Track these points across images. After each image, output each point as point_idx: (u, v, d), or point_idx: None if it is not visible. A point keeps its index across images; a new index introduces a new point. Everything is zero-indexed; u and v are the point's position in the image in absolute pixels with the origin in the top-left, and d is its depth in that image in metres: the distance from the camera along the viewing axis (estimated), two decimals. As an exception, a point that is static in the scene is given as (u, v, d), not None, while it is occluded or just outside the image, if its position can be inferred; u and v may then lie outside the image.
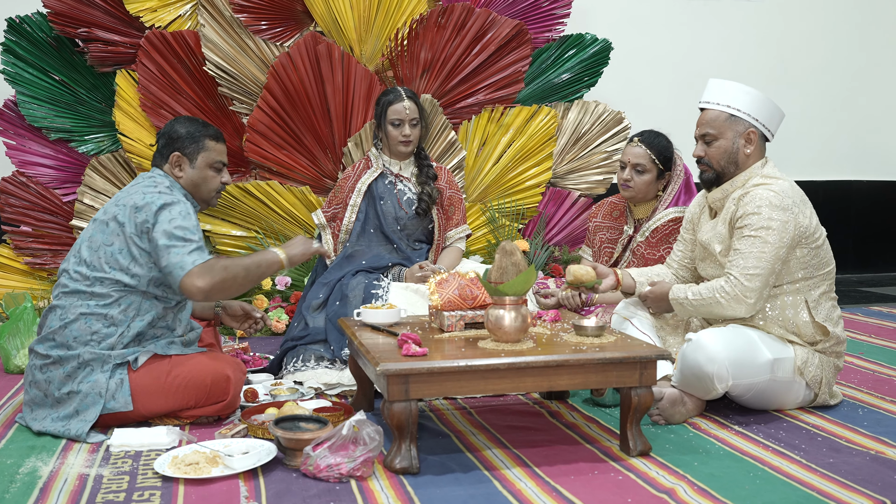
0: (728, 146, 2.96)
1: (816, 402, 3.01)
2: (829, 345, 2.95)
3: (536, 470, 2.47)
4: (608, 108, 5.28)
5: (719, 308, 2.87)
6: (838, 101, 6.58)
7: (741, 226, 2.86)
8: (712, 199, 3.04)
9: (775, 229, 2.81)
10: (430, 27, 4.92)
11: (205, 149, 2.97)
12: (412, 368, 2.39)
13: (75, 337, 2.77)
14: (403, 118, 3.69)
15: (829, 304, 2.98)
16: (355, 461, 2.38)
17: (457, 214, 3.89)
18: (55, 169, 4.81)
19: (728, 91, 2.97)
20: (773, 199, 2.84)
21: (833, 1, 6.49)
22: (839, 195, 6.58)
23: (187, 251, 2.73)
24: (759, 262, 2.80)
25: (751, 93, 2.97)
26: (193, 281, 2.70)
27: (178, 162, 2.96)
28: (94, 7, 4.67)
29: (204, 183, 2.99)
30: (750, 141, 2.95)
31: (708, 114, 3.00)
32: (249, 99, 4.85)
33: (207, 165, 2.98)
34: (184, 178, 2.96)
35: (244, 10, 4.73)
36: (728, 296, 2.83)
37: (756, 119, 2.96)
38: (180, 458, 2.45)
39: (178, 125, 3.00)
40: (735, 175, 2.98)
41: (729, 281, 2.84)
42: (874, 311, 5.05)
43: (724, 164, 2.97)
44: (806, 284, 2.93)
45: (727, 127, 2.96)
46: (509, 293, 2.56)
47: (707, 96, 3.02)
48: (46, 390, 2.79)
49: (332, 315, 3.46)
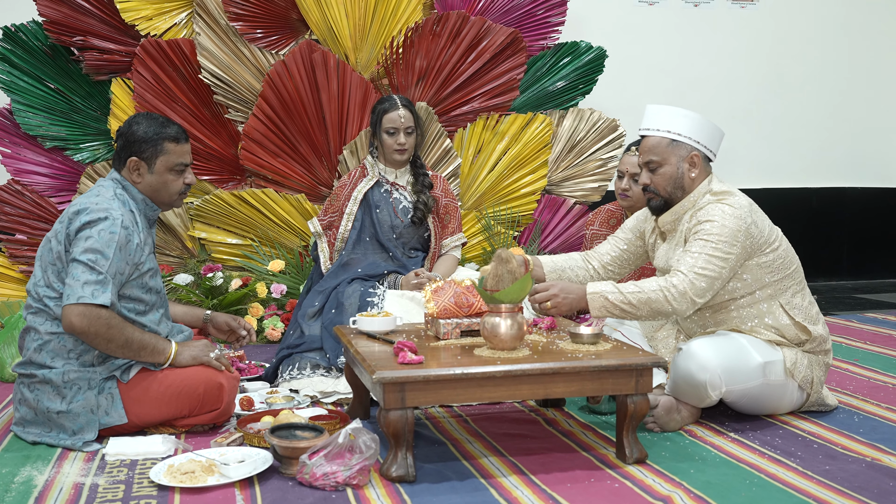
0: (673, 172, 2.94)
1: (810, 402, 3.02)
2: (814, 344, 2.96)
3: (533, 478, 2.47)
4: (603, 116, 5.29)
5: (660, 306, 2.78)
6: (832, 108, 6.60)
7: (695, 231, 2.85)
8: (663, 223, 3.02)
9: (728, 236, 2.80)
10: (425, 35, 4.93)
11: (164, 152, 2.81)
12: (408, 376, 2.39)
13: (52, 357, 2.73)
14: (398, 126, 3.69)
15: (804, 301, 2.99)
16: (351, 469, 2.37)
17: (452, 223, 3.89)
18: (50, 177, 4.81)
19: (667, 116, 2.96)
20: (727, 210, 2.84)
21: (826, 9, 6.52)
22: (833, 202, 6.60)
23: (83, 281, 2.60)
24: (710, 264, 2.78)
25: (689, 115, 2.95)
26: (72, 314, 2.58)
27: (135, 167, 2.81)
28: (89, 16, 4.67)
29: (164, 187, 2.85)
30: (694, 164, 2.95)
31: (649, 140, 2.98)
32: (245, 107, 4.86)
33: (167, 169, 2.83)
34: (142, 183, 2.83)
35: (239, 18, 4.74)
36: (677, 292, 2.76)
37: (697, 141, 2.94)
38: (176, 467, 2.44)
39: (135, 125, 2.82)
40: (681, 199, 2.97)
41: (677, 276, 2.77)
42: (869, 318, 5.06)
43: (671, 189, 2.96)
44: (777, 288, 2.93)
45: (670, 152, 2.95)
46: (505, 301, 2.57)
47: (647, 123, 3.00)
48: (36, 408, 2.75)
49: (327, 323, 3.45)
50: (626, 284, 2.83)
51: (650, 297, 2.78)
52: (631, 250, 3.22)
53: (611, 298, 2.81)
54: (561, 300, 2.86)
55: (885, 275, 6.81)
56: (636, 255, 3.23)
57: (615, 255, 3.22)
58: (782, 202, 6.37)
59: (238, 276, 4.71)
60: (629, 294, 2.79)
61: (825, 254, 6.61)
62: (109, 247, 2.65)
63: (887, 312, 5.25)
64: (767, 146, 6.42)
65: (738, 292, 2.92)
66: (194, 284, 4.63)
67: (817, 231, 6.56)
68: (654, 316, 2.83)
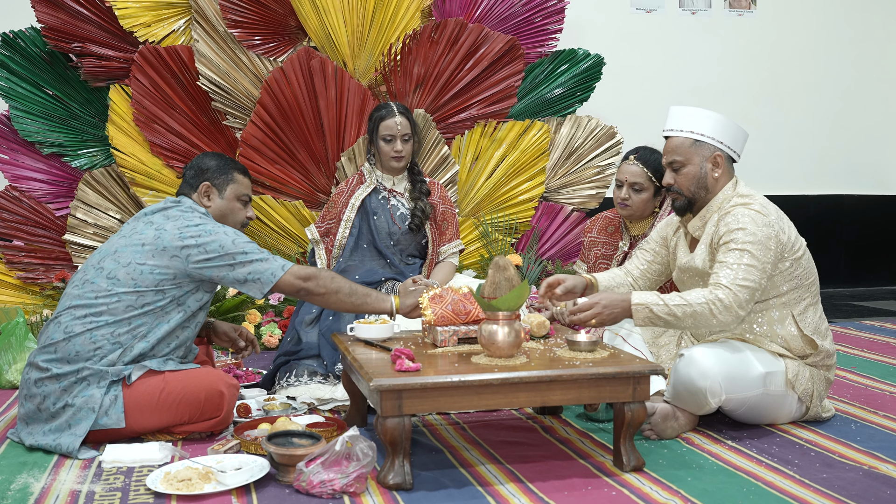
0: (696, 171, 2.96)
1: (808, 416, 3.02)
2: (818, 358, 2.95)
3: (530, 486, 2.47)
4: (601, 123, 5.30)
5: (706, 319, 2.78)
6: (830, 116, 6.62)
7: (727, 241, 2.84)
8: (693, 228, 3.03)
9: (761, 244, 2.81)
10: (423, 42, 4.94)
11: (233, 181, 3.07)
12: (405, 384, 2.39)
13: (77, 352, 2.76)
14: (395, 134, 3.69)
15: (815, 315, 2.99)
16: (348, 477, 2.37)
17: (450, 229, 3.89)
18: (48, 183, 4.81)
19: (691, 117, 2.98)
20: (755, 216, 2.86)
21: (824, 17, 6.54)
22: (831, 209, 6.61)
23: (271, 260, 2.85)
24: (749, 275, 2.79)
25: (713, 116, 2.97)
26: (290, 280, 2.84)
27: (207, 192, 3.03)
28: (87, 22, 4.68)
29: (231, 214, 3.07)
30: (717, 164, 2.96)
31: (673, 141, 3.00)
32: (243, 114, 4.86)
33: (235, 197, 3.07)
34: (212, 207, 3.03)
35: (238, 25, 4.75)
36: (723, 305, 2.76)
37: (721, 142, 2.97)
38: (172, 475, 2.44)
39: (207, 158, 3.10)
40: (707, 199, 2.98)
41: (722, 290, 2.77)
42: (866, 326, 5.06)
43: (695, 189, 2.98)
44: (791, 297, 2.93)
45: (693, 152, 2.96)
46: (502, 308, 2.57)
47: (670, 124, 3.02)
48: (41, 405, 2.77)
49: (325, 330, 3.45)
50: (671, 296, 2.81)
51: (696, 311, 2.77)
52: (658, 261, 3.24)
53: (656, 311, 2.79)
54: (606, 315, 2.83)
55: (883, 282, 6.82)
56: (664, 264, 3.24)
57: (643, 269, 3.24)
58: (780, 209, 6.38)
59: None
60: (675, 307, 2.78)
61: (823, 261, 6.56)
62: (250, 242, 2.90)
63: (885, 320, 5.26)
64: (765, 154, 6.43)
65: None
66: (192, 291, 4.62)
67: (815, 238, 6.47)
68: (697, 327, 2.83)
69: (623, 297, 2.83)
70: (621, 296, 2.84)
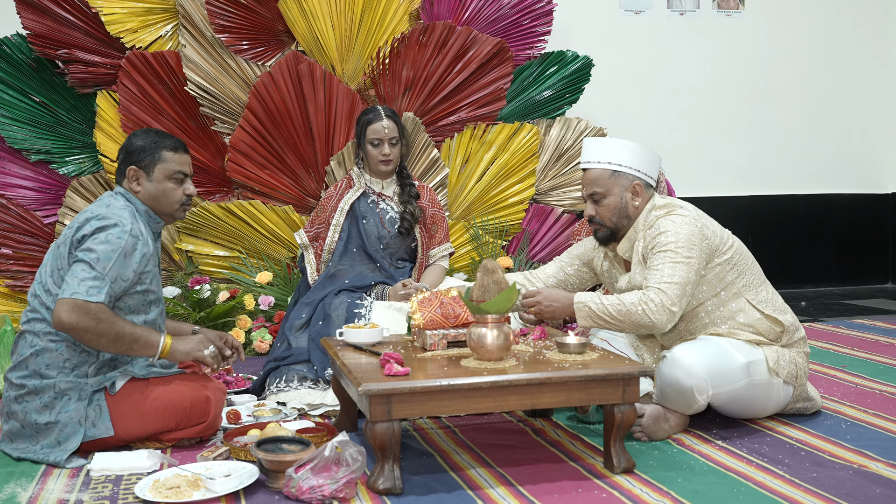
0: (617, 202, 3.00)
1: (796, 396, 3.03)
2: (789, 336, 2.99)
3: (520, 489, 2.46)
4: (590, 125, 5.31)
5: (639, 318, 2.81)
6: (818, 115, 6.63)
7: (652, 247, 2.90)
8: (622, 250, 3.07)
9: (684, 242, 2.85)
10: (411, 46, 4.93)
11: (161, 160, 2.87)
12: (394, 388, 2.38)
13: (48, 365, 2.72)
14: (383, 137, 3.69)
15: (769, 294, 3.02)
16: (338, 482, 2.36)
17: (439, 233, 3.89)
18: (36, 191, 4.79)
19: (607, 148, 3.02)
20: (675, 218, 2.91)
21: (810, 17, 6.55)
22: (820, 209, 6.62)
23: (80, 279, 2.62)
24: (675, 271, 2.82)
25: (628, 146, 3.01)
26: (62, 309, 2.60)
27: (134, 176, 2.87)
28: (74, 28, 4.66)
29: (164, 196, 2.88)
30: (637, 193, 3.00)
31: (591, 173, 3.03)
32: (231, 119, 4.85)
33: (166, 177, 2.88)
34: (142, 191, 2.88)
35: (225, 30, 4.74)
36: (654, 305, 2.79)
37: (638, 170, 3.00)
38: (161, 482, 2.42)
39: (134, 138, 2.91)
40: (629, 226, 3.03)
41: (652, 291, 2.81)
42: (856, 324, 5.07)
43: (616, 219, 3.01)
44: (740, 285, 2.97)
45: (613, 183, 3.00)
46: (491, 311, 2.56)
47: (587, 156, 3.06)
48: (24, 421, 2.74)
49: (314, 335, 3.44)
50: (608, 297, 2.87)
51: (629, 310, 2.82)
52: (577, 276, 3.28)
53: (594, 308, 2.85)
54: (545, 307, 2.94)
55: (873, 280, 6.83)
56: (581, 280, 3.29)
57: (561, 279, 3.28)
58: (770, 209, 6.40)
59: (225, 289, 4.69)
60: (610, 306, 2.83)
61: (813, 260, 6.64)
62: (114, 251, 2.68)
63: (875, 318, 5.27)
64: (754, 154, 6.44)
65: (704, 295, 2.95)
66: (181, 297, 4.61)
67: (805, 238, 6.59)
68: (636, 329, 2.86)
69: (566, 294, 2.94)
70: (564, 293, 2.95)
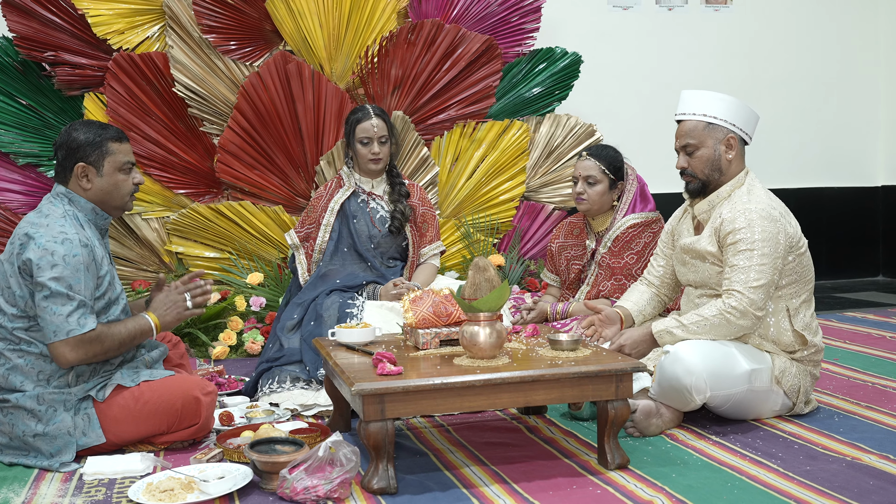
0: (710, 154, 2.97)
1: (793, 412, 3.02)
2: (806, 353, 2.96)
3: (515, 486, 2.46)
4: (580, 121, 5.31)
5: (727, 328, 2.82)
6: (808, 109, 6.65)
7: (733, 241, 2.85)
8: (699, 211, 3.03)
9: (768, 241, 2.82)
10: (400, 44, 4.93)
11: (109, 152, 2.77)
12: (387, 388, 2.37)
13: (22, 381, 2.68)
14: (372, 136, 3.68)
15: (808, 312, 3.00)
16: (332, 483, 2.35)
17: (430, 231, 3.88)
18: (24, 194, 4.76)
19: (703, 100, 3.01)
20: (761, 212, 2.86)
21: (799, 10, 6.57)
22: (811, 202, 6.64)
23: (67, 312, 2.60)
24: (760, 275, 2.80)
25: (725, 99, 3.00)
26: (64, 351, 2.61)
27: (83, 173, 2.75)
28: (60, 31, 4.64)
29: (116, 189, 2.80)
30: (731, 146, 2.98)
31: (686, 125, 3.02)
32: (220, 119, 4.83)
33: (116, 169, 2.78)
34: (93, 189, 2.77)
35: (213, 30, 4.72)
36: (738, 312, 2.79)
37: (733, 124, 2.99)
38: (155, 485, 2.41)
39: (74, 132, 2.77)
40: (721, 182, 2.99)
41: (734, 297, 2.80)
42: (848, 317, 5.08)
43: (709, 172, 2.98)
44: (788, 292, 2.94)
45: (706, 135, 2.98)
46: (483, 309, 2.56)
47: (682, 107, 3.04)
48: (11, 433, 2.71)
49: (307, 335, 3.43)
50: (688, 316, 2.86)
51: (713, 324, 2.82)
52: (671, 263, 3.24)
53: (677, 334, 2.86)
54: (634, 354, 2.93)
55: (864, 273, 6.86)
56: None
57: (667, 269, 3.24)
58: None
59: (216, 290, 4.68)
60: (692, 325, 2.85)
61: (804, 254, 6.65)
62: (78, 270, 2.63)
63: (866, 311, 5.29)
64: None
65: None
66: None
67: (795, 231, 6.59)
68: (724, 337, 2.86)
69: (643, 331, 2.93)
70: (640, 331, 2.93)
